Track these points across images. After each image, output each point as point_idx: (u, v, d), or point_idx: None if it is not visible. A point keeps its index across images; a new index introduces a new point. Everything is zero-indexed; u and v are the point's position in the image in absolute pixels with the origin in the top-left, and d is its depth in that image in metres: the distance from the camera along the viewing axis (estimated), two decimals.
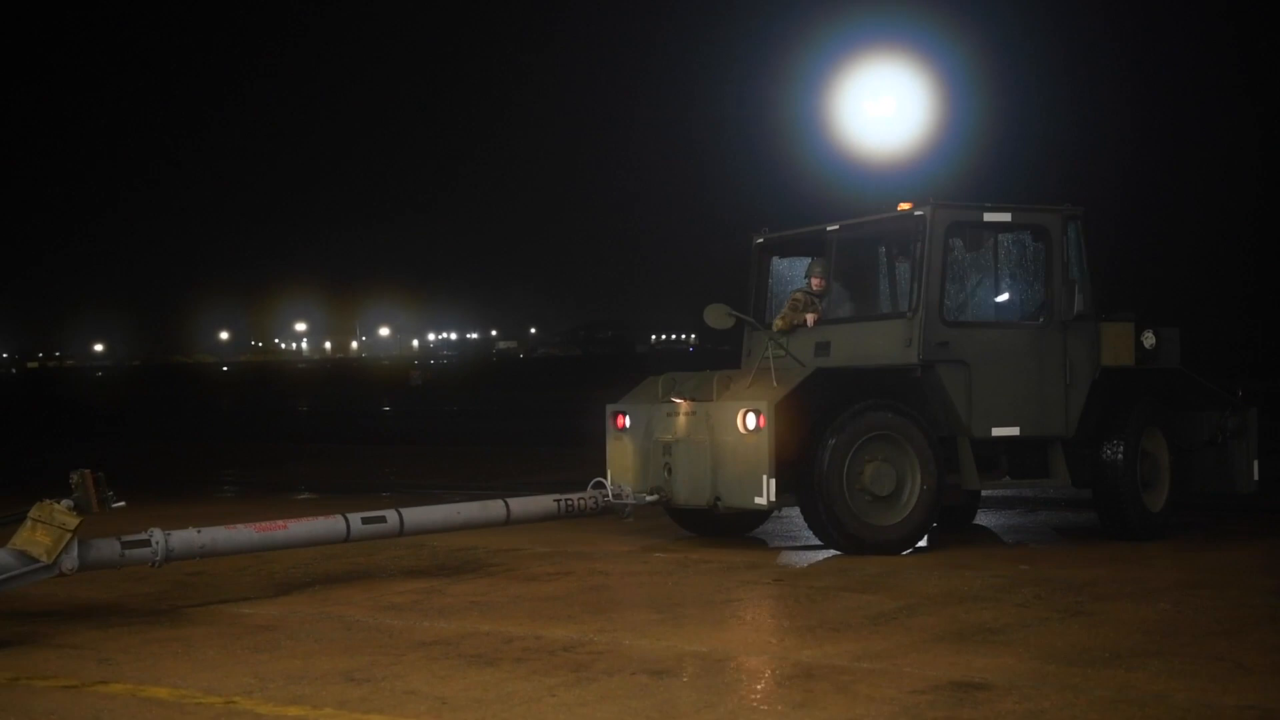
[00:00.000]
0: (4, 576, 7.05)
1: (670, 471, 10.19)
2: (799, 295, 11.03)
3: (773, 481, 9.44)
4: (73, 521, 7.23)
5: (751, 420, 9.59)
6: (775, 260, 11.72)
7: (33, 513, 7.28)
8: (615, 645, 6.68)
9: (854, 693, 5.65)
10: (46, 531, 7.23)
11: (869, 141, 21.50)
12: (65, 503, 7.27)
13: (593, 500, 9.75)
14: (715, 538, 10.82)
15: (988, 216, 10.33)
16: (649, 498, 10.17)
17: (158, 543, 7.74)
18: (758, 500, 9.58)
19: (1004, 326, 10.51)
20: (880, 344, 10.27)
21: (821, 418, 9.70)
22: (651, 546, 10.47)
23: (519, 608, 7.84)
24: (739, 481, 9.68)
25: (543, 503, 9.53)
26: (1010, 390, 10.14)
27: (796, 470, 9.64)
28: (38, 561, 7.16)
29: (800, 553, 10.15)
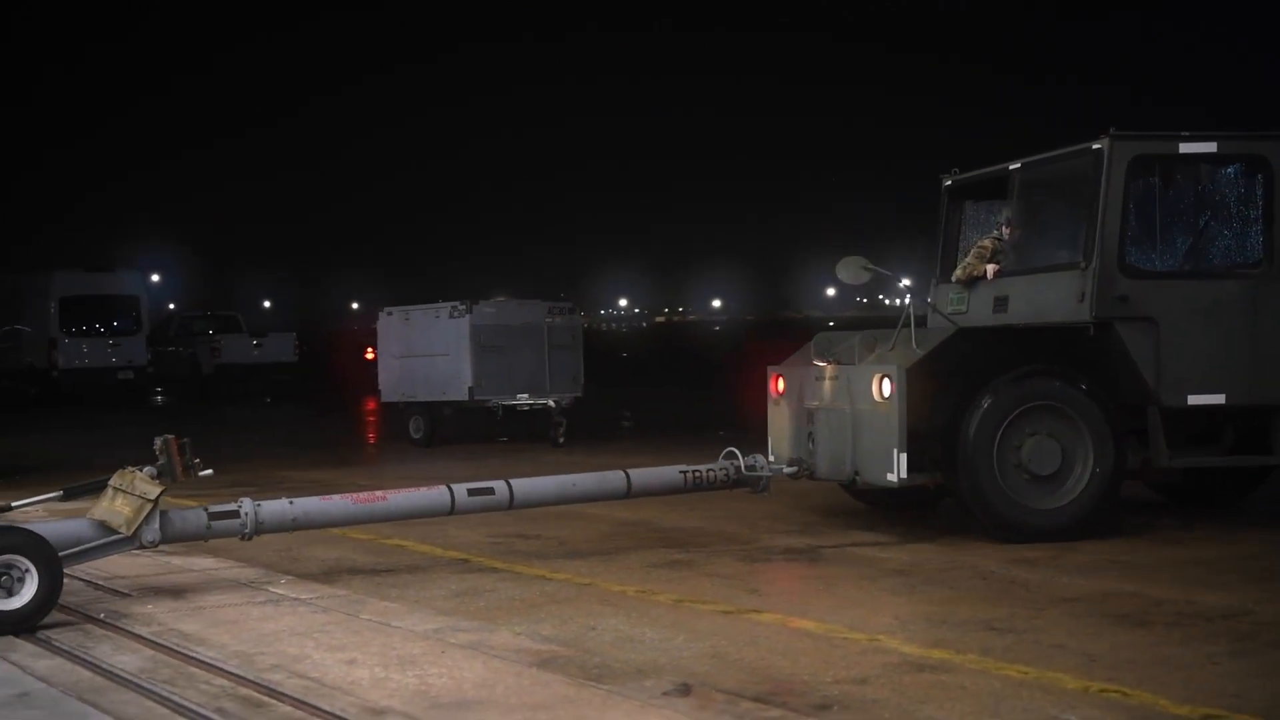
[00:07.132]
0: (80, 549, 6.67)
1: (813, 441, 9.14)
2: (986, 243, 9.67)
3: (903, 457, 8.28)
4: (154, 490, 6.74)
5: (886, 387, 8.43)
6: (969, 205, 10.34)
7: (114, 480, 6.87)
8: None
9: None
10: (127, 501, 6.78)
11: None
12: (148, 470, 6.81)
13: (723, 472, 8.72)
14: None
15: (1185, 148, 8.81)
16: (787, 469, 9.11)
17: (247, 514, 7.18)
18: (889, 477, 8.40)
19: (1204, 277, 8.92)
20: (1055, 299, 8.91)
21: (968, 385, 8.45)
22: None
23: (1164, 570, 7.42)
24: (873, 455, 8.56)
25: (668, 474, 8.62)
26: (1213, 351, 8.62)
27: (941, 445, 8.44)
28: (117, 533, 6.74)
29: None
